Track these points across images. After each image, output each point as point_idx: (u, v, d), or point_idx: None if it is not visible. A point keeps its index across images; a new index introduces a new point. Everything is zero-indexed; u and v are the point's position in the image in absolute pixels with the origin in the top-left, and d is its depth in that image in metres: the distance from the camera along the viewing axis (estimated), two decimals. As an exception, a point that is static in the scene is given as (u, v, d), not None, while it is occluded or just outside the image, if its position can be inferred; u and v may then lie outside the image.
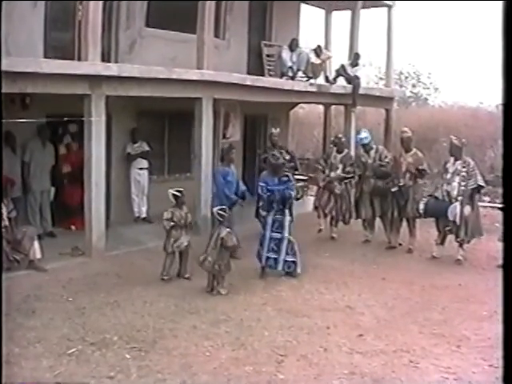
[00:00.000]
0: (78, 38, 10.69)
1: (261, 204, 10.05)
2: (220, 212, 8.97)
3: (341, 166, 12.26)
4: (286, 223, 9.70)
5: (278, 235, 9.66)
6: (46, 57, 10.55)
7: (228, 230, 8.89)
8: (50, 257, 9.79)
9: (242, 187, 10.99)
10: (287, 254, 9.68)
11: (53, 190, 11.54)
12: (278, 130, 13.09)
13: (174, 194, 9.38)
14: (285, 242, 9.67)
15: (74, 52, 11.15)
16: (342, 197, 12.26)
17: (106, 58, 11.40)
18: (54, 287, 8.75)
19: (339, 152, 12.42)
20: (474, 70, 41.30)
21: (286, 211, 9.69)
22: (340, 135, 13.22)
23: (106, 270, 9.73)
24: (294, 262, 9.73)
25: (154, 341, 6.97)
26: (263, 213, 9.85)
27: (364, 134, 12.21)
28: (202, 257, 8.82)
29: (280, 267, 9.70)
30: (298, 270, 9.74)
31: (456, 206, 10.49)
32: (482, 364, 6.63)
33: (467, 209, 10.57)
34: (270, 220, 9.67)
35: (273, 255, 9.65)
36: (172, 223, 9.26)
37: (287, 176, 9.95)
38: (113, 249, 10.74)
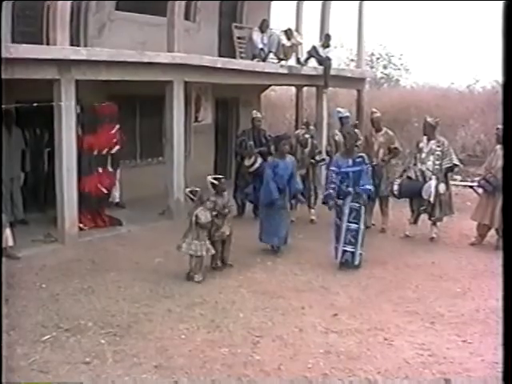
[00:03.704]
0: (47, 23, 10.53)
1: (329, 192, 9.21)
2: (188, 194, 8.72)
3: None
4: (363, 212, 9.18)
5: (355, 226, 9.08)
6: (14, 42, 10.38)
7: (201, 207, 8.57)
8: (23, 244, 9.70)
9: (296, 184, 10.27)
10: (361, 246, 9.22)
11: (22, 175, 11.36)
12: (259, 114, 13.08)
13: (212, 183, 8.93)
14: (361, 234, 9.13)
15: (42, 37, 11.00)
16: (306, 180, 12.07)
17: (74, 42, 11.27)
18: (27, 274, 8.67)
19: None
20: (444, 50, 41.59)
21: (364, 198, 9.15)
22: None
23: (79, 257, 9.66)
24: (360, 254, 9.26)
25: (129, 325, 6.96)
26: (338, 201, 9.13)
27: (343, 110, 12.56)
28: (185, 242, 8.49)
29: (357, 261, 9.15)
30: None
31: (431, 185, 10.57)
32: (456, 340, 6.72)
33: (442, 187, 10.67)
34: (346, 209, 9.03)
35: (350, 248, 9.08)
36: (214, 213, 8.77)
37: (362, 157, 9.33)
38: (86, 235, 10.68)
